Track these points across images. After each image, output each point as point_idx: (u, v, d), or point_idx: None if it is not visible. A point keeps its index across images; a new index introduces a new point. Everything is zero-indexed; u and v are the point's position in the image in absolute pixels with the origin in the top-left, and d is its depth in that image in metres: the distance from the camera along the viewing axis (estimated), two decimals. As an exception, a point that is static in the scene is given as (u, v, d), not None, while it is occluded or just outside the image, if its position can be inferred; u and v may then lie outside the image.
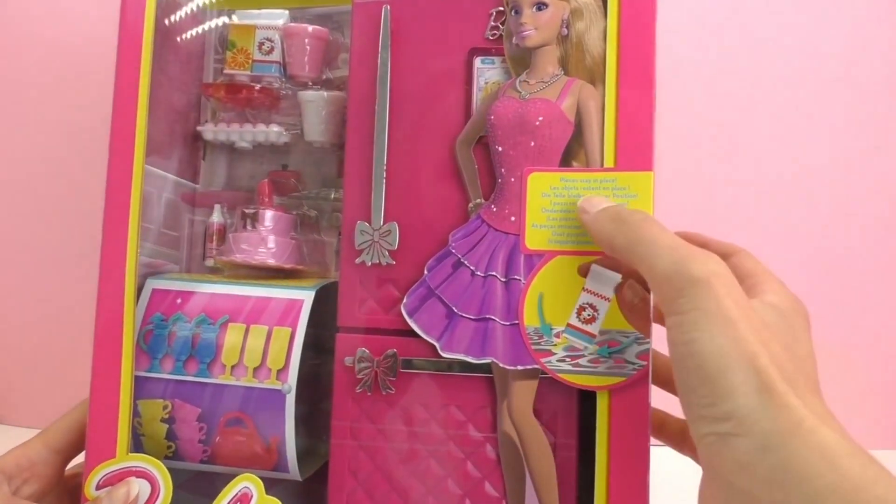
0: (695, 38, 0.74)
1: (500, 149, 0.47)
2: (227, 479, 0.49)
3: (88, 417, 0.50)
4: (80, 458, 0.52)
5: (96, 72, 0.77)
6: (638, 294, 0.44)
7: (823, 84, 0.73)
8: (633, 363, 0.44)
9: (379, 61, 0.49)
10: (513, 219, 0.46)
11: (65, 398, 0.73)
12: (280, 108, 0.59)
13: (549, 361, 0.45)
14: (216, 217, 0.59)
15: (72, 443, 0.51)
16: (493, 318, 0.46)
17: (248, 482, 0.47)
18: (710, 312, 0.32)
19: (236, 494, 0.47)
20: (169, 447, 0.51)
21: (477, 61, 0.49)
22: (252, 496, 0.47)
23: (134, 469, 0.49)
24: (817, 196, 0.73)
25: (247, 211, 0.55)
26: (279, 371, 0.49)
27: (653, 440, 0.44)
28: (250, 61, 0.58)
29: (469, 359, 0.46)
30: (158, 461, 0.48)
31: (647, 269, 0.37)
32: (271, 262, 0.54)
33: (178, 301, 0.52)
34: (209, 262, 0.59)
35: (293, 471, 0.50)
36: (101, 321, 0.50)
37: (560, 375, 0.45)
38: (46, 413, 0.76)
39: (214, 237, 0.59)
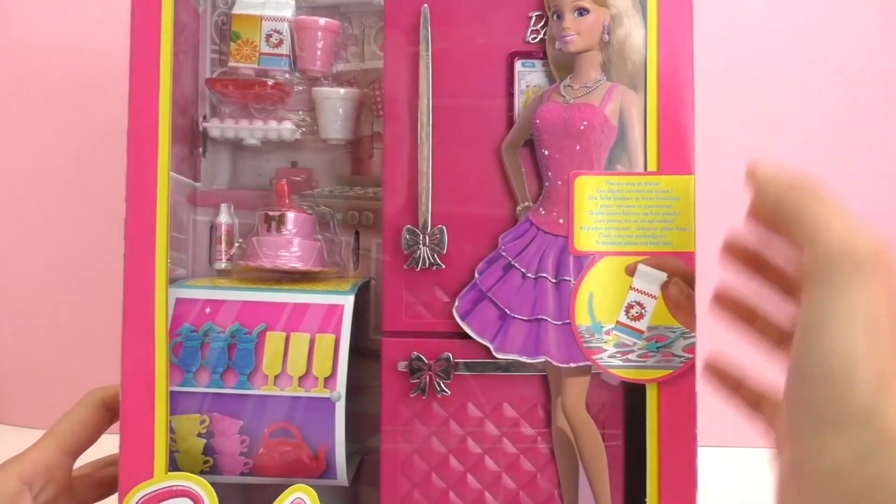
0: (729, 44, 0.74)
1: (546, 152, 0.48)
2: (268, 489, 0.48)
3: (120, 438, 0.47)
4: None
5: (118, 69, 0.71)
6: (683, 291, 0.46)
7: (860, 87, 0.74)
8: (681, 356, 0.46)
9: (420, 63, 0.48)
10: (561, 221, 0.48)
11: (64, 398, 0.69)
12: (287, 103, 0.57)
13: (601, 358, 0.47)
14: (224, 217, 0.56)
15: (81, 443, 0.49)
16: (545, 318, 0.47)
17: (301, 493, 0.47)
18: (858, 306, 0.31)
19: (289, 506, 0.47)
20: (206, 462, 0.50)
21: (518, 64, 0.49)
22: (306, 507, 0.47)
23: (175, 488, 0.47)
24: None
25: (270, 214, 0.53)
26: (326, 379, 0.49)
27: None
28: (257, 54, 0.56)
29: (523, 359, 0.47)
30: (201, 478, 0.47)
31: (809, 237, 0.34)
32: (299, 265, 0.52)
33: (207, 310, 0.50)
34: (220, 265, 0.56)
35: (341, 477, 0.50)
36: (128, 335, 0.47)
37: (611, 371, 0.47)
38: (46, 413, 0.73)
39: (223, 238, 0.56)
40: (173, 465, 0.49)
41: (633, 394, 0.48)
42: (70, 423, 0.49)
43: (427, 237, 0.48)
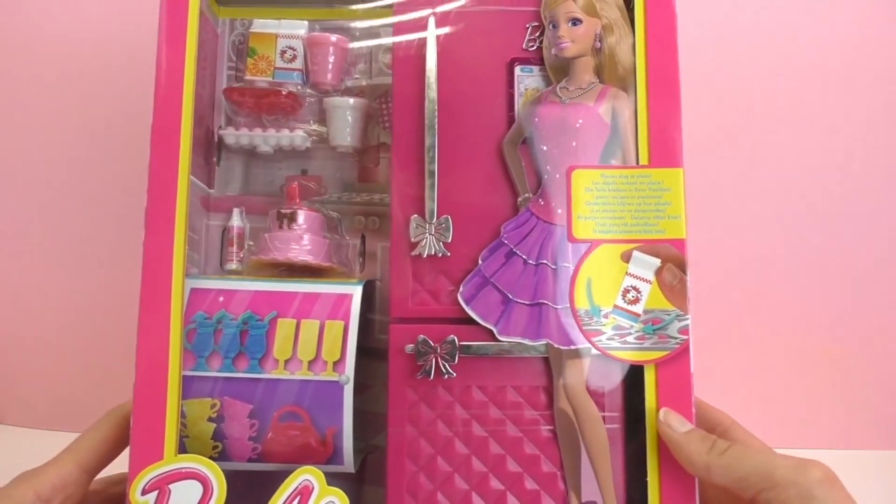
0: (713, 44, 0.75)
1: (544, 148, 0.51)
2: (276, 472, 0.49)
3: (132, 421, 0.48)
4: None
5: (130, 67, 0.74)
6: (676, 275, 0.49)
7: (836, 85, 0.76)
8: (676, 337, 0.49)
9: (426, 67, 0.52)
10: (559, 211, 0.50)
11: (64, 398, 0.69)
12: (298, 114, 0.61)
13: (600, 340, 0.49)
14: (236, 221, 0.59)
15: (101, 461, 0.49)
16: (546, 302, 0.50)
17: (309, 475, 0.47)
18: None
19: (297, 487, 0.47)
20: (215, 447, 0.50)
21: (517, 69, 0.53)
22: (314, 488, 0.47)
23: (184, 470, 0.48)
24: (821, 197, 0.76)
25: (283, 211, 0.55)
26: (335, 363, 0.50)
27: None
28: (272, 68, 0.59)
29: (526, 341, 0.49)
30: (210, 461, 0.47)
31: (763, 479, 0.42)
32: (309, 259, 0.55)
33: (221, 299, 0.52)
34: (230, 266, 0.58)
35: (348, 462, 0.51)
36: (144, 322, 0.49)
37: (610, 352, 0.49)
38: (46, 413, 0.72)
39: (234, 241, 0.59)
40: (183, 451, 0.50)
41: (632, 375, 0.49)
42: (91, 441, 0.49)
43: (433, 226, 0.50)
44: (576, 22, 0.52)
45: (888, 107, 0.76)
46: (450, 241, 0.51)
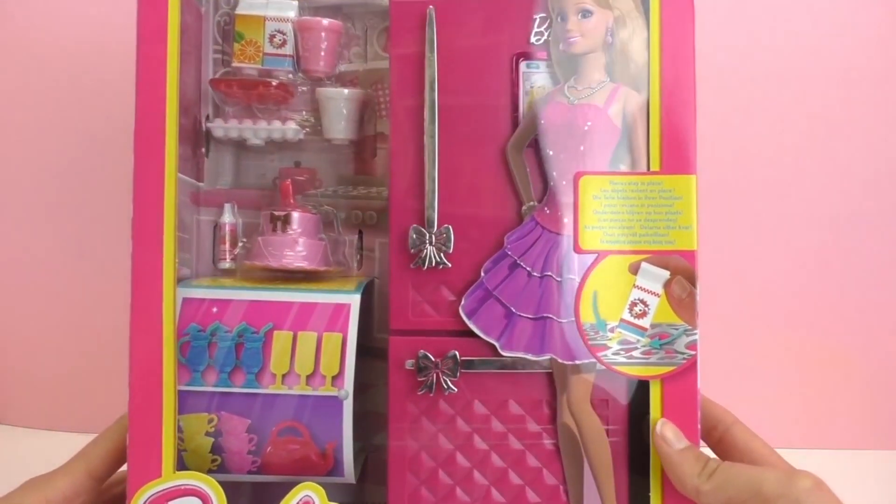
0: (730, 44, 0.74)
1: (550, 153, 0.49)
2: (276, 486, 0.48)
3: (129, 437, 0.47)
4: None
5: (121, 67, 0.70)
6: (685, 289, 0.47)
7: (837, 86, 0.74)
8: (683, 353, 0.47)
9: (426, 64, 0.49)
10: (566, 220, 0.48)
11: (64, 398, 0.69)
12: (290, 104, 0.58)
13: (605, 355, 0.48)
14: (227, 217, 0.57)
15: (111, 469, 0.49)
16: (550, 316, 0.48)
17: (309, 490, 0.47)
18: None
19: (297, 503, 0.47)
20: (214, 461, 0.50)
21: (522, 65, 0.50)
22: (314, 504, 0.47)
23: (184, 487, 0.47)
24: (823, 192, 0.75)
25: (276, 213, 0.53)
26: (334, 377, 0.49)
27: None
28: (261, 54, 0.56)
29: (529, 356, 0.48)
30: (209, 477, 0.47)
31: (753, 495, 0.41)
32: (305, 265, 0.53)
33: (214, 310, 0.50)
34: (224, 265, 0.56)
35: (348, 474, 0.50)
36: (135, 335, 0.47)
37: (615, 367, 0.48)
38: (46, 413, 0.72)
39: (227, 238, 0.56)
40: (181, 465, 0.49)
41: (637, 390, 0.48)
42: (103, 448, 0.49)
43: (433, 236, 0.48)
44: (586, 14, 0.48)
45: (889, 107, 0.74)
46: (451, 251, 0.49)
